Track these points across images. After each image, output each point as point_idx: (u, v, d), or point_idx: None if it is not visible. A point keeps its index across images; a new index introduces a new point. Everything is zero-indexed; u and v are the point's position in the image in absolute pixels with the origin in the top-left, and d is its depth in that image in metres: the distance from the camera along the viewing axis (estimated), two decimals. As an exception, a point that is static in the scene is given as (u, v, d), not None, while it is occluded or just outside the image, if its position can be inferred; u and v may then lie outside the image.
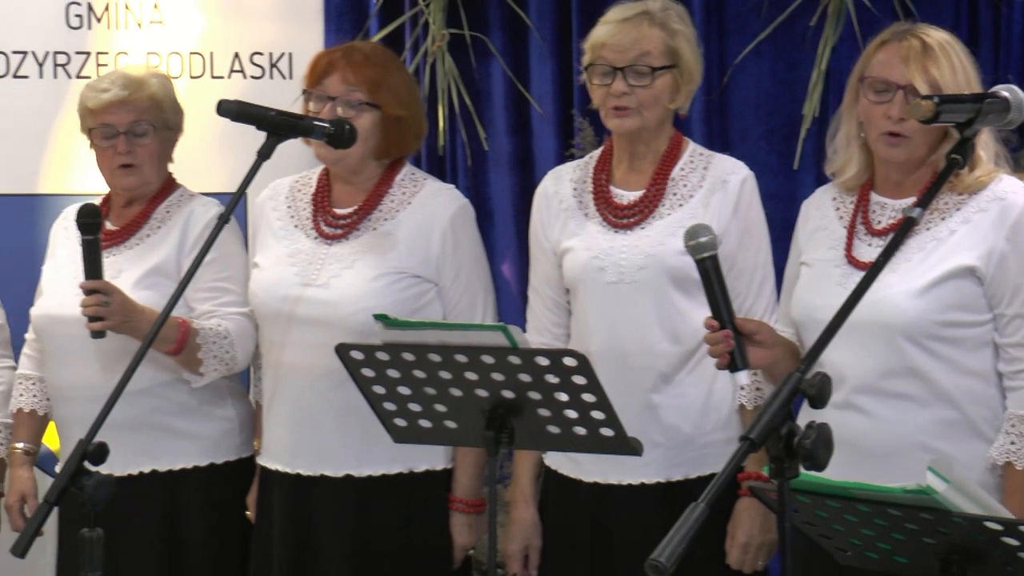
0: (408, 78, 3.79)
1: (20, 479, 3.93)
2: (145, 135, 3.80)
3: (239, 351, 3.75)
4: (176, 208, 3.86)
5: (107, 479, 2.76)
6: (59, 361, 3.83)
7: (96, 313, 3.55)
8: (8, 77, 4.75)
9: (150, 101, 3.81)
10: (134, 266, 3.77)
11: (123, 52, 4.76)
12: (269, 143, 3.17)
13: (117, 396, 2.91)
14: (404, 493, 3.60)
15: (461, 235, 3.65)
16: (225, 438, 3.83)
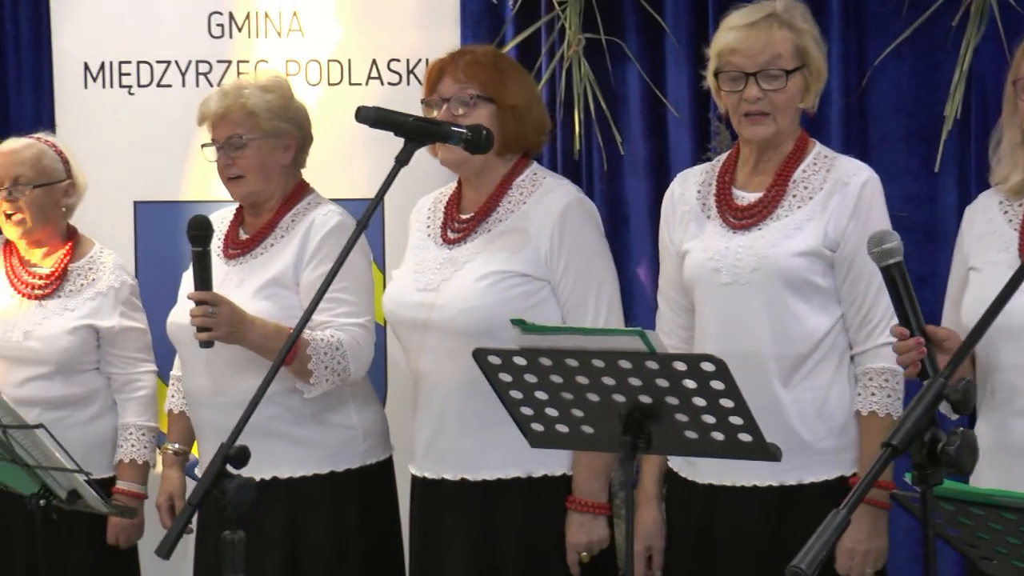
0: (521, 73, 3.76)
1: (170, 479, 4.00)
2: (244, 147, 3.83)
3: (352, 362, 3.75)
4: (301, 216, 3.89)
5: (248, 482, 2.79)
6: (188, 367, 3.89)
7: (203, 324, 3.59)
8: (152, 86, 4.83)
9: (243, 112, 3.84)
10: (255, 276, 3.81)
11: (263, 60, 4.82)
12: (407, 149, 3.18)
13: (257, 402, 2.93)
14: (522, 498, 3.60)
15: (570, 229, 3.60)
16: (347, 446, 3.85)
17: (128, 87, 4.84)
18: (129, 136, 4.81)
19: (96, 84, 4.85)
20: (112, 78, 4.85)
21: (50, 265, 4.21)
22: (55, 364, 4.11)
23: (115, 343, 4.18)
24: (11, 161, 4.15)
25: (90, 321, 4.15)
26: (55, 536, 3.55)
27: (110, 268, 4.22)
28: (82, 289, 4.18)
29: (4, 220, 4.16)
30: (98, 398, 4.20)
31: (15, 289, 4.18)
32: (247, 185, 3.85)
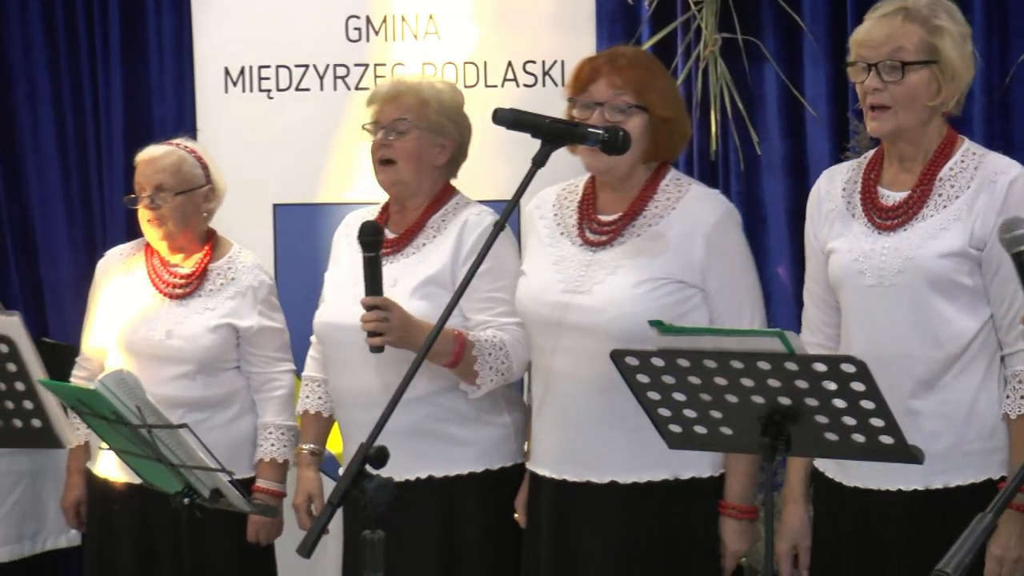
0: (671, 81, 3.75)
1: (307, 479, 4.04)
2: (406, 133, 3.84)
3: (515, 361, 3.77)
4: (452, 216, 3.89)
5: (387, 482, 2.80)
6: (338, 367, 3.91)
7: (375, 328, 3.61)
8: (291, 90, 4.89)
9: (415, 99, 3.85)
10: (410, 276, 3.82)
11: (400, 63, 4.86)
12: (543, 151, 3.18)
13: (395, 403, 2.95)
14: (669, 500, 3.58)
15: (726, 241, 3.60)
16: (500, 444, 3.86)
17: (267, 91, 4.91)
18: (268, 139, 4.88)
19: (236, 89, 4.93)
20: (252, 83, 4.92)
21: (190, 265, 4.27)
22: (197, 363, 4.17)
23: (254, 343, 4.23)
24: (153, 169, 4.22)
25: (230, 320, 4.20)
26: (198, 533, 3.59)
27: (248, 268, 4.27)
28: (221, 288, 4.24)
29: (146, 225, 4.23)
30: (238, 399, 4.25)
31: (156, 289, 4.25)
32: (397, 172, 3.86)
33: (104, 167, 5.54)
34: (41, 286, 5.70)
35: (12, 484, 4.98)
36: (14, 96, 5.67)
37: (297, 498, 4.04)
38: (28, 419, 3.65)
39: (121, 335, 4.22)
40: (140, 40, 5.46)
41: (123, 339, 4.22)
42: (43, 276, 5.70)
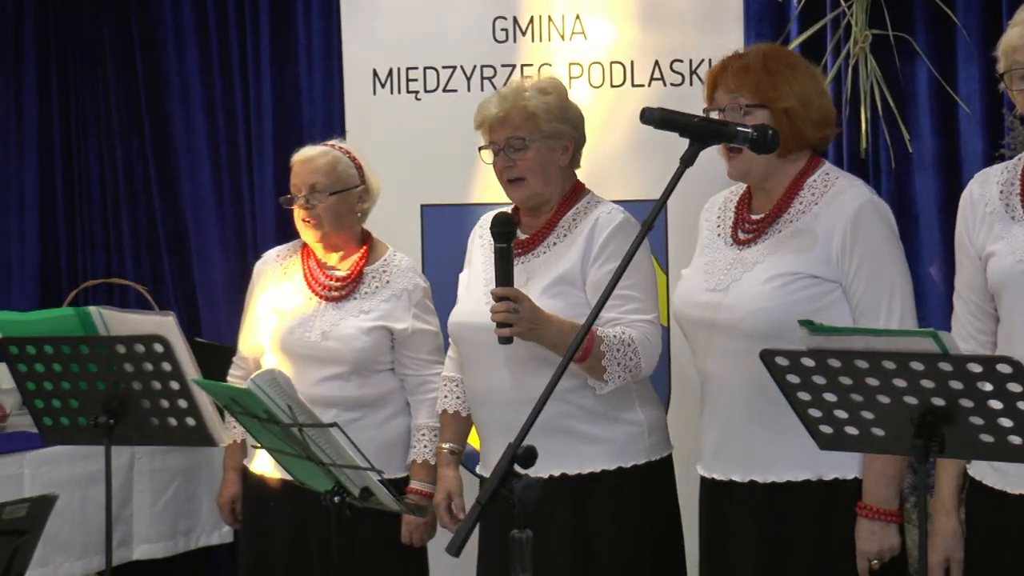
0: (796, 69, 3.61)
1: (447, 478, 4.06)
2: (523, 149, 3.85)
3: (643, 358, 3.76)
4: (582, 216, 3.90)
5: (535, 482, 2.80)
6: (473, 366, 3.93)
7: (505, 319, 3.62)
8: (438, 91, 4.93)
9: (523, 115, 3.85)
10: (542, 274, 3.82)
11: (547, 64, 4.87)
12: (692, 150, 3.16)
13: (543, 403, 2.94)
14: (811, 501, 3.54)
15: (863, 231, 3.51)
16: (633, 442, 3.85)
17: (415, 93, 4.95)
18: (416, 140, 4.91)
19: (384, 90, 4.97)
20: (400, 84, 4.96)
21: (346, 268, 4.31)
22: (351, 364, 4.21)
23: (408, 345, 4.26)
24: (308, 169, 4.26)
25: (384, 323, 4.24)
26: (352, 533, 3.63)
27: (404, 271, 4.31)
28: (377, 291, 4.27)
29: (302, 225, 4.27)
30: (391, 399, 4.29)
31: (312, 291, 4.29)
32: (528, 187, 3.88)
33: (254, 169, 5.63)
34: (194, 287, 5.81)
35: (166, 482, 5.08)
36: (168, 101, 5.78)
37: (437, 496, 4.06)
38: (182, 418, 3.72)
39: (277, 336, 4.28)
40: (290, 43, 5.54)
41: (279, 340, 4.27)
42: (195, 277, 5.80)
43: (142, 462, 5.03)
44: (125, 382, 3.70)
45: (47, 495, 2.68)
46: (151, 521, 5.05)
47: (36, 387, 3.79)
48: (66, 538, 4.71)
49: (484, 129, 3.92)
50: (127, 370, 3.69)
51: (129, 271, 5.93)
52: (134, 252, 5.94)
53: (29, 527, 2.65)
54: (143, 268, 5.93)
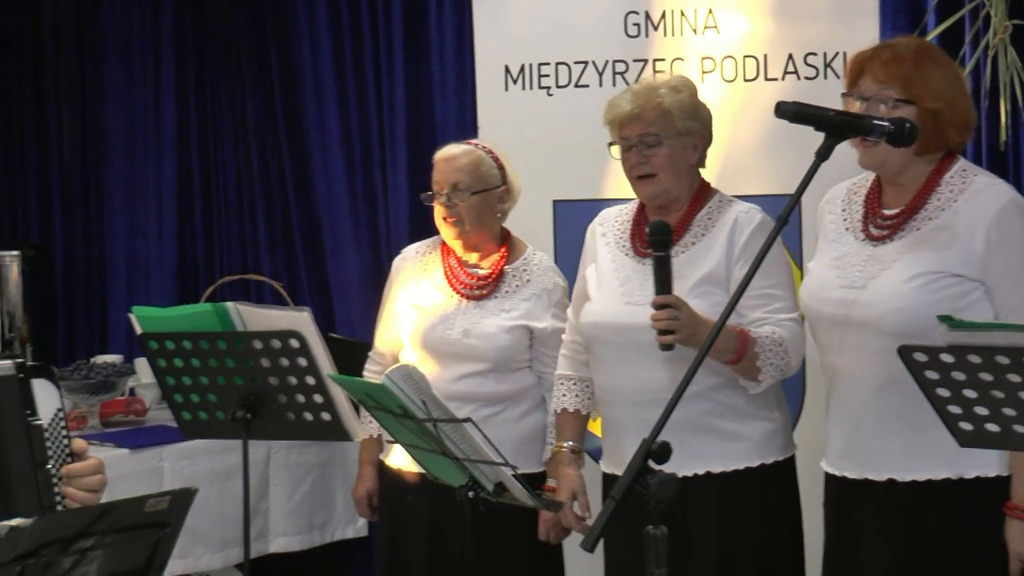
0: (945, 68, 3.58)
1: (569, 477, 4.05)
2: (656, 146, 3.84)
3: (793, 357, 3.75)
4: (717, 214, 3.88)
5: (671, 478, 2.78)
6: (605, 366, 3.91)
7: (667, 327, 3.60)
8: (570, 87, 4.92)
9: (657, 112, 3.84)
10: (685, 274, 3.79)
11: (679, 58, 4.84)
12: (827, 144, 3.12)
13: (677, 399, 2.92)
14: (952, 500, 3.49)
15: (1008, 231, 3.46)
16: (771, 439, 3.84)
17: (547, 88, 4.94)
18: (548, 136, 4.91)
19: (516, 86, 4.97)
20: (532, 79, 4.96)
21: (487, 267, 4.32)
22: (492, 362, 4.22)
23: (547, 343, 4.25)
24: (451, 167, 4.28)
25: (525, 322, 4.25)
26: (488, 529, 3.64)
27: (544, 270, 4.32)
28: (517, 290, 4.28)
29: (442, 223, 4.29)
30: (529, 395, 4.29)
31: (453, 289, 4.31)
32: (658, 184, 3.86)
33: (388, 165, 5.67)
34: (328, 283, 5.86)
35: (302, 476, 5.13)
36: (302, 98, 5.85)
37: (560, 496, 4.05)
38: (318, 412, 3.75)
39: (417, 333, 4.30)
40: (422, 40, 5.57)
41: (419, 337, 4.30)
42: (329, 273, 5.86)
43: (278, 456, 5.09)
44: (262, 377, 3.74)
45: (188, 488, 2.71)
46: (287, 515, 5.11)
47: (175, 382, 3.84)
48: (205, 531, 4.79)
49: (615, 125, 3.91)
50: (263, 365, 3.73)
51: (264, 267, 6.00)
52: (269, 248, 6.01)
53: (170, 520, 2.68)
54: (278, 264, 6.00)
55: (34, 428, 2.92)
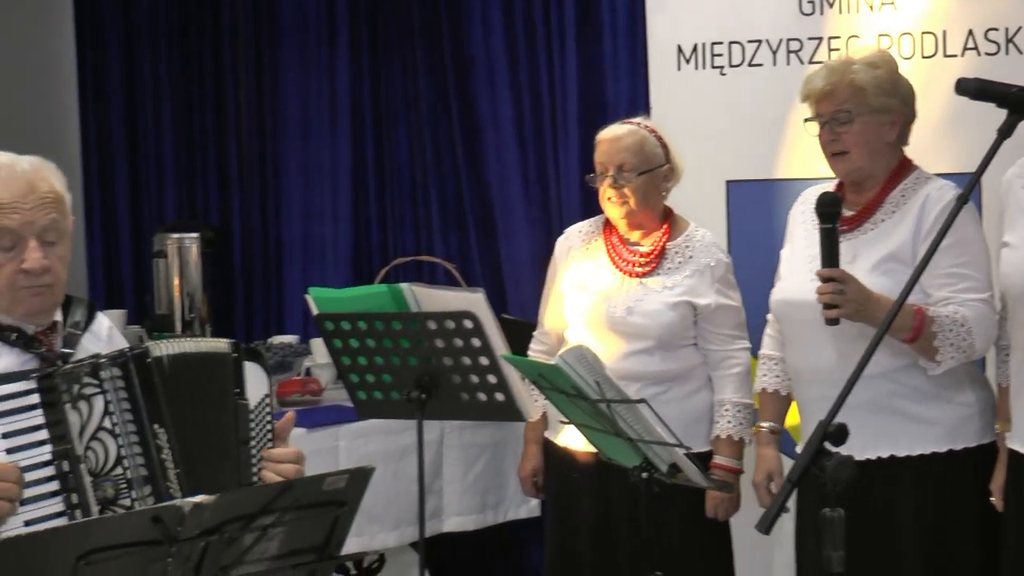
0: None
1: (766, 457, 4.03)
2: (848, 123, 3.78)
3: (977, 339, 3.66)
4: (911, 192, 3.81)
5: (847, 460, 2.75)
6: (796, 344, 3.88)
7: (831, 301, 3.57)
8: (743, 66, 4.87)
9: (851, 88, 3.78)
10: (869, 252, 3.75)
11: (854, 36, 4.77)
12: (1009, 121, 3.05)
13: (855, 380, 2.90)
14: None
15: None
16: (964, 424, 3.76)
17: (720, 68, 4.90)
18: (721, 116, 4.87)
19: (689, 66, 4.94)
20: (704, 60, 4.92)
21: (650, 244, 4.31)
22: (656, 339, 4.21)
23: (711, 320, 4.24)
24: (616, 148, 4.28)
25: (688, 298, 4.23)
26: (656, 506, 3.63)
27: (706, 246, 4.29)
28: (680, 267, 4.27)
29: (608, 204, 4.29)
30: (695, 374, 4.28)
31: (616, 267, 4.31)
32: (851, 161, 3.81)
33: (559, 146, 5.68)
34: (500, 264, 5.89)
35: (475, 456, 5.17)
36: (475, 81, 5.88)
37: (757, 476, 4.03)
38: (491, 393, 3.78)
39: (583, 312, 4.31)
40: (594, 20, 5.57)
41: (584, 315, 4.30)
42: (502, 254, 5.88)
43: (451, 436, 5.13)
44: (436, 357, 3.77)
45: (364, 467, 2.74)
46: (461, 494, 5.15)
47: (351, 362, 3.89)
48: (379, 510, 4.84)
49: (810, 101, 3.86)
50: (438, 346, 3.76)
51: (437, 249, 6.05)
52: (442, 230, 6.06)
53: (348, 498, 2.72)
54: (451, 246, 6.04)
55: (241, 406, 3.01)
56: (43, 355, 3.01)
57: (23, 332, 3.01)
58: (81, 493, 2.89)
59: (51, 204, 2.99)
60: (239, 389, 3.02)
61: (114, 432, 2.92)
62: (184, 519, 2.47)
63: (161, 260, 6.04)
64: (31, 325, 3.02)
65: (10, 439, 2.87)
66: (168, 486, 2.93)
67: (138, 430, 2.94)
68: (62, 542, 2.41)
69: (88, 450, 2.90)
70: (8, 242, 2.95)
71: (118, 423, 2.93)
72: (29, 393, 2.89)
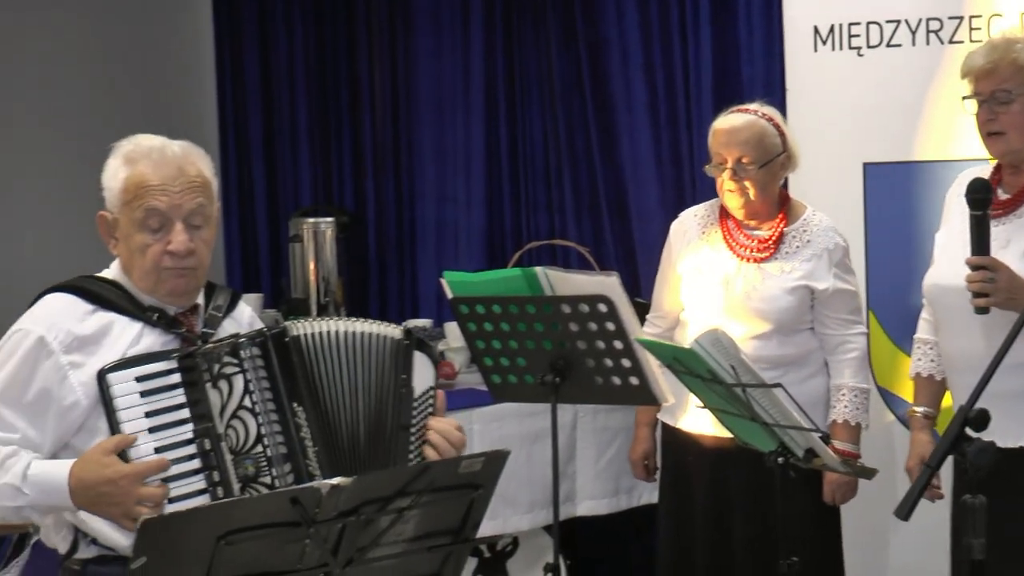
0: None
1: (919, 443, 3.97)
2: (1008, 103, 3.72)
3: None
4: None
5: (988, 446, 2.72)
6: (948, 329, 3.83)
7: (981, 289, 3.53)
8: (881, 47, 4.79)
9: (1012, 68, 3.72)
10: (1022, 237, 3.69)
11: (996, 14, 4.67)
12: None
13: (995, 366, 2.86)
14: None
15: None
16: None
17: (857, 49, 4.83)
18: (858, 98, 4.80)
19: (825, 47, 4.87)
20: (841, 40, 4.85)
21: (767, 229, 4.28)
22: (774, 323, 4.19)
23: (828, 304, 4.21)
24: (735, 141, 4.23)
25: (806, 282, 4.20)
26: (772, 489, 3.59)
27: (823, 230, 4.25)
28: (797, 251, 4.23)
29: (727, 194, 4.25)
30: (811, 359, 4.25)
31: (733, 252, 4.28)
32: (1007, 143, 3.75)
33: (693, 129, 5.63)
34: (633, 247, 5.86)
35: (609, 440, 5.16)
36: (608, 62, 5.85)
37: (910, 461, 3.98)
38: (626, 377, 3.77)
39: (700, 296, 4.30)
40: (729, 3, 5.52)
41: (702, 300, 4.29)
42: (635, 237, 5.86)
43: (585, 420, 5.13)
44: (570, 341, 3.77)
45: (501, 451, 2.75)
46: (594, 478, 5.15)
47: (485, 346, 3.90)
48: (513, 493, 4.86)
49: (970, 78, 3.80)
50: (572, 329, 3.76)
51: (570, 232, 6.04)
52: (575, 213, 6.05)
53: (484, 481, 2.73)
54: (584, 229, 6.03)
55: (405, 393, 3.04)
56: (184, 335, 3.05)
57: (164, 313, 3.06)
58: (222, 471, 2.94)
59: (199, 188, 3.04)
60: (406, 375, 3.06)
61: (254, 411, 2.96)
62: (322, 501, 2.49)
63: (297, 244, 6.11)
64: (173, 307, 3.08)
65: (153, 418, 2.92)
66: (307, 464, 2.97)
67: (277, 408, 2.99)
68: (205, 522, 2.44)
69: (229, 428, 2.95)
70: (156, 223, 3.00)
71: (258, 402, 2.97)
72: (170, 373, 2.95)
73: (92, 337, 2.99)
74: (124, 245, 3.05)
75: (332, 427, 3.02)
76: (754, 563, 4.17)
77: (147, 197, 2.99)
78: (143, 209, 2.99)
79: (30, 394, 2.94)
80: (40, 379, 2.94)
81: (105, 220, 3.07)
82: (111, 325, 3.01)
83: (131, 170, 3.01)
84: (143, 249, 3.01)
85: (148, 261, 3.02)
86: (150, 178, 3.00)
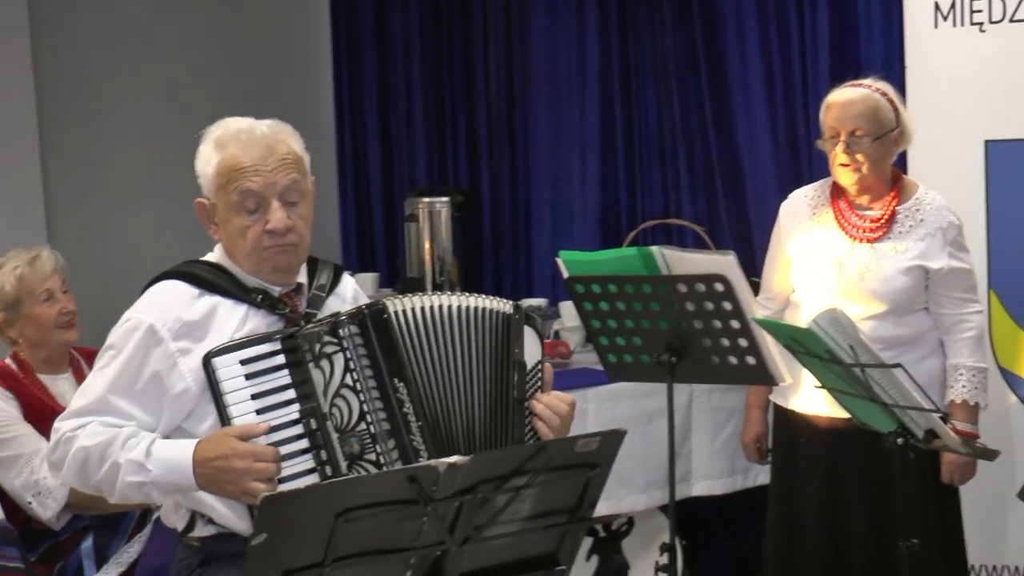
0: None
1: None
2: None
3: None
4: None
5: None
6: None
7: None
8: (1004, 22, 4.71)
9: None
10: None
11: (1122, -13, 4.58)
12: None
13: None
14: None
15: None
16: None
17: (979, 24, 4.76)
18: (980, 74, 4.73)
19: (946, 23, 4.80)
20: (963, 16, 4.78)
21: (879, 208, 4.23)
22: (889, 303, 4.15)
23: (943, 284, 4.16)
24: (849, 114, 4.19)
25: (920, 262, 4.15)
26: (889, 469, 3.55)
27: (937, 209, 4.20)
28: (911, 230, 4.18)
29: (840, 169, 4.21)
30: (926, 339, 4.21)
31: (845, 232, 4.24)
32: None
33: (810, 107, 5.57)
34: (749, 227, 5.82)
35: (724, 420, 5.14)
36: (724, 41, 5.81)
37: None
38: (743, 356, 3.74)
39: (812, 277, 4.27)
40: (847, -23, 5.46)
41: (815, 281, 4.26)
42: (751, 217, 5.81)
43: (700, 400, 5.11)
44: (686, 321, 3.75)
45: (617, 430, 2.75)
46: (710, 458, 5.13)
47: (601, 325, 3.89)
48: (628, 473, 4.85)
49: None
50: (688, 309, 3.74)
51: (686, 211, 6.01)
52: (691, 192, 6.02)
53: (600, 460, 2.72)
54: (699, 208, 6.00)
55: (520, 364, 3.06)
56: (287, 316, 3.08)
57: (268, 294, 3.08)
58: (329, 449, 2.96)
59: (291, 165, 3.06)
60: (519, 349, 3.06)
61: (356, 388, 2.98)
62: (439, 479, 2.50)
63: (412, 224, 6.14)
64: (277, 287, 3.10)
65: (259, 400, 2.95)
66: (412, 439, 2.98)
67: (379, 385, 3.00)
68: (324, 499, 2.46)
69: (333, 407, 2.97)
70: (252, 204, 3.03)
71: (359, 379, 2.99)
72: (275, 354, 2.98)
73: (199, 322, 3.02)
74: (224, 229, 3.08)
75: (442, 403, 3.03)
76: (875, 544, 4.13)
77: (241, 179, 3.01)
78: (238, 192, 3.02)
79: (141, 382, 2.99)
80: (151, 367, 2.99)
81: (203, 207, 3.10)
82: (216, 308, 3.05)
83: (222, 154, 3.04)
84: (243, 231, 3.04)
85: (248, 243, 3.04)
86: (242, 160, 3.02)
